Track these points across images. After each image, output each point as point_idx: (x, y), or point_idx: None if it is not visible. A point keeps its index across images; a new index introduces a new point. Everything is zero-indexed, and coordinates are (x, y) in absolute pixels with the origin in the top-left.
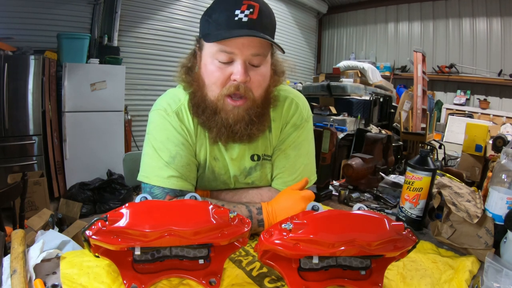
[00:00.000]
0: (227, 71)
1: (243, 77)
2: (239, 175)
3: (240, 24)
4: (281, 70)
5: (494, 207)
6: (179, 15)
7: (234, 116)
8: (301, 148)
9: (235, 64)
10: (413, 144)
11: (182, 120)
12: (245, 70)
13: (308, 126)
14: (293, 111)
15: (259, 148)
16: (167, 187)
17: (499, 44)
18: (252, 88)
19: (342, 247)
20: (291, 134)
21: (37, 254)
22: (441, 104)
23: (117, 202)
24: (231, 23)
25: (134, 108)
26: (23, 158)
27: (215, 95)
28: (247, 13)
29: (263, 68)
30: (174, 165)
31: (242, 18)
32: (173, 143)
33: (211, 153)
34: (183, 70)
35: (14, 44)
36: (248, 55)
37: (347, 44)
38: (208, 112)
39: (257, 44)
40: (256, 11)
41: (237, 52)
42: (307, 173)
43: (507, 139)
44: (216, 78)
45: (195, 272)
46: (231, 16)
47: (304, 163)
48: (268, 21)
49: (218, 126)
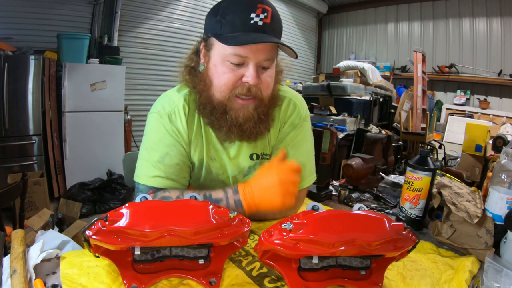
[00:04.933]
0: (238, 73)
1: (255, 80)
2: (237, 174)
3: (255, 27)
4: (280, 69)
5: (494, 207)
6: (179, 15)
7: (244, 115)
8: (300, 147)
9: (248, 68)
10: (413, 144)
11: (174, 122)
12: (257, 73)
13: (306, 125)
14: (291, 111)
15: (258, 147)
16: (151, 186)
17: (499, 44)
18: (262, 89)
19: (342, 247)
20: (289, 133)
21: (37, 254)
22: (441, 104)
23: (117, 202)
24: (247, 26)
25: (134, 108)
26: (23, 158)
27: (225, 95)
28: (262, 17)
29: (271, 70)
30: (163, 165)
31: (257, 22)
32: (164, 144)
33: (208, 153)
34: (186, 70)
35: (14, 44)
36: (260, 59)
37: (347, 44)
38: (217, 112)
39: (270, 49)
40: (269, 16)
41: (251, 56)
42: (306, 172)
43: (507, 139)
44: (227, 79)
45: (195, 272)
46: (247, 20)
47: (303, 163)
48: (278, 26)
49: (228, 125)
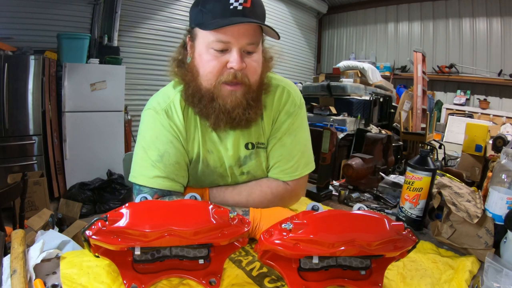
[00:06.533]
0: (223, 59)
1: (239, 65)
2: (234, 165)
3: (235, 12)
4: (269, 56)
5: (494, 207)
6: (179, 15)
7: (231, 102)
8: (297, 135)
9: (232, 53)
10: (413, 144)
11: (172, 117)
12: (241, 58)
13: (301, 113)
14: (285, 99)
15: (252, 136)
16: (151, 187)
17: (499, 44)
18: (248, 75)
19: (342, 247)
20: (285, 121)
21: (37, 254)
22: (441, 104)
23: (117, 202)
24: (226, 12)
25: (134, 108)
26: (23, 158)
27: (212, 83)
28: (241, 1)
29: (256, 55)
30: (162, 164)
31: (237, 7)
32: (162, 141)
33: (204, 146)
34: (174, 63)
35: (14, 44)
36: (243, 44)
37: (347, 44)
38: (204, 100)
39: (251, 32)
40: (249, 0)
41: (233, 41)
42: (305, 160)
43: (507, 139)
44: (212, 67)
45: (195, 272)
46: (226, 5)
47: (301, 150)
48: (260, 10)
49: (216, 112)
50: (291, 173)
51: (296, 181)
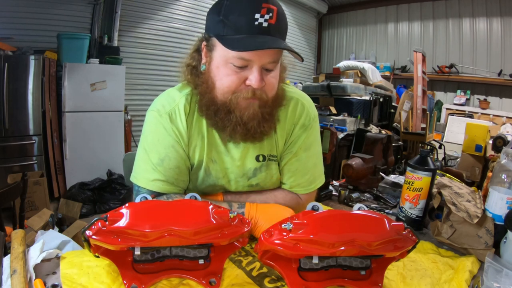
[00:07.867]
0: (242, 76)
1: (259, 84)
2: (241, 177)
3: (260, 29)
4: (283, 67)
5: (494, 207)
6: (179, 15)
7: (249, 114)
8: (311, 149)
9: (252, 70)
10: (413, 144)
11: (175, 121)
12: (261, 76)
13: (316, 125)
14: (300, 112)
15: (264, 148)
16: (151, 190)
17: (499, 44)
18: (267, 91)
19: (342, 247)
20: (301, 135)
21: (37, 254)
22: (441, 104)
23: (117, 202)
24: (251, 28)
25: (134, 108)
26: (23, 158)
27: (228, 97)
28: (266, 17)
29: (275, 71)
30: (162, 168)
31: (262, 23)
32: (163, 145)
33: (209, 154)
34: (188, 69)
35: (14, 44)
36: (265, 62)
37: (347, 44)
38: (221, 113)
39: (275, 51)
40: (274, 16)
41: (255, 59)
42: (317, 173)
43: (507, 139)
44: (230, 82)
45: (195, 272)
46: (251, 21)
47: (315, 163)
48: (284, 25)
49: (232, 124)
50: (306, 186)
51: (308, 195)
